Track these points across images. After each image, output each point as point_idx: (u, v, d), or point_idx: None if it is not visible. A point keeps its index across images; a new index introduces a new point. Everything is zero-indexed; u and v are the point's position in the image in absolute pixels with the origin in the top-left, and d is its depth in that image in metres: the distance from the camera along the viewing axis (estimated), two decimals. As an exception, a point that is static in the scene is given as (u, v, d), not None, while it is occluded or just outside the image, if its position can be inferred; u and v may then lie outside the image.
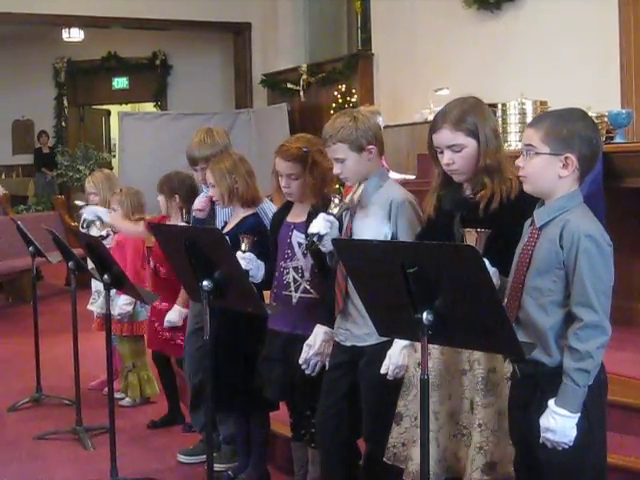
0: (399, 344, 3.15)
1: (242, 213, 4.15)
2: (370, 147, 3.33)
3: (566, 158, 2.58)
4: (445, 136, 2.97)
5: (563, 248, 2.54)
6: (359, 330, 3.35)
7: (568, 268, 2.54)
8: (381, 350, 3.22)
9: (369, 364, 3.32)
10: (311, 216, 3.62)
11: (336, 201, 3.33)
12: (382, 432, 3.30)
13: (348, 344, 3.40)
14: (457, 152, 2.95)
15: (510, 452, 2.83)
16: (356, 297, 3.29)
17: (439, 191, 3.09)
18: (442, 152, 2.99)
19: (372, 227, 3.30)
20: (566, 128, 2.59)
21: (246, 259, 3.61)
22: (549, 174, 2.60)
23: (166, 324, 4.87)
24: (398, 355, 3.15)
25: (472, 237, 2.69)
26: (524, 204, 2.76)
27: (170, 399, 5.47)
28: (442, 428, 3.01)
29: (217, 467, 4.23)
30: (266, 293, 3.94)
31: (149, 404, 5.86)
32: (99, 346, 5.32)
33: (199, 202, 4.48)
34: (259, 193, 4.20)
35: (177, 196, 4.93)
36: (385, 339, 3.18)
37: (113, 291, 4.93)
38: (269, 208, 4.32)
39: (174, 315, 4.84)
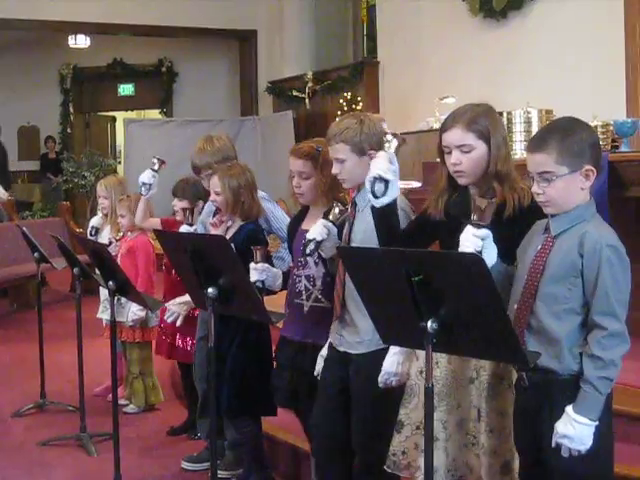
0: (390, 351, 3.14)
1: (240, 222, 4.14)
2: (371, 152, 3.28)
3: (587, 170, 2.60)
4: (456, 135, 2.93)
5: (583, 257, 2.54)
6: (351, 337, 3.36)
7: (587, 276, 2.54)
8: (371, 359, 3.24)
9: (357, 374, 3.34)
10: None
11: (336, 210, 3.35)
12: (371, 443, 3.30)
13: (341, 349, 3.41)
14: (465, 153, 2.92)
15: None
16: (351, 304, 3.33)
17: (445, 195, 3.06)
18: (450, 152, 2.96)
19: (368, 232, 3.28)
20: (575, 142, 2.59)
21: (258, 270, 3.61)
22: (573, 191, 2.61)
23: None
24: (387, 362, 3.14)
25: (483, 202, 2.71)
26: (535, 214, 2.76)
27: (191, 409, 5.26)
28: (451, 437, 2.98)
29: (221, 474, 4.22)
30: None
31: (153, 411, 5.87)
32: (103, 352, 5.32)
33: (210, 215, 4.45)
34: (261, 206, 4.20)
35: (201, 202, 4.89)
36: (374, 348, 3.22)
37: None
38: (280, 214, 4.32)
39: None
